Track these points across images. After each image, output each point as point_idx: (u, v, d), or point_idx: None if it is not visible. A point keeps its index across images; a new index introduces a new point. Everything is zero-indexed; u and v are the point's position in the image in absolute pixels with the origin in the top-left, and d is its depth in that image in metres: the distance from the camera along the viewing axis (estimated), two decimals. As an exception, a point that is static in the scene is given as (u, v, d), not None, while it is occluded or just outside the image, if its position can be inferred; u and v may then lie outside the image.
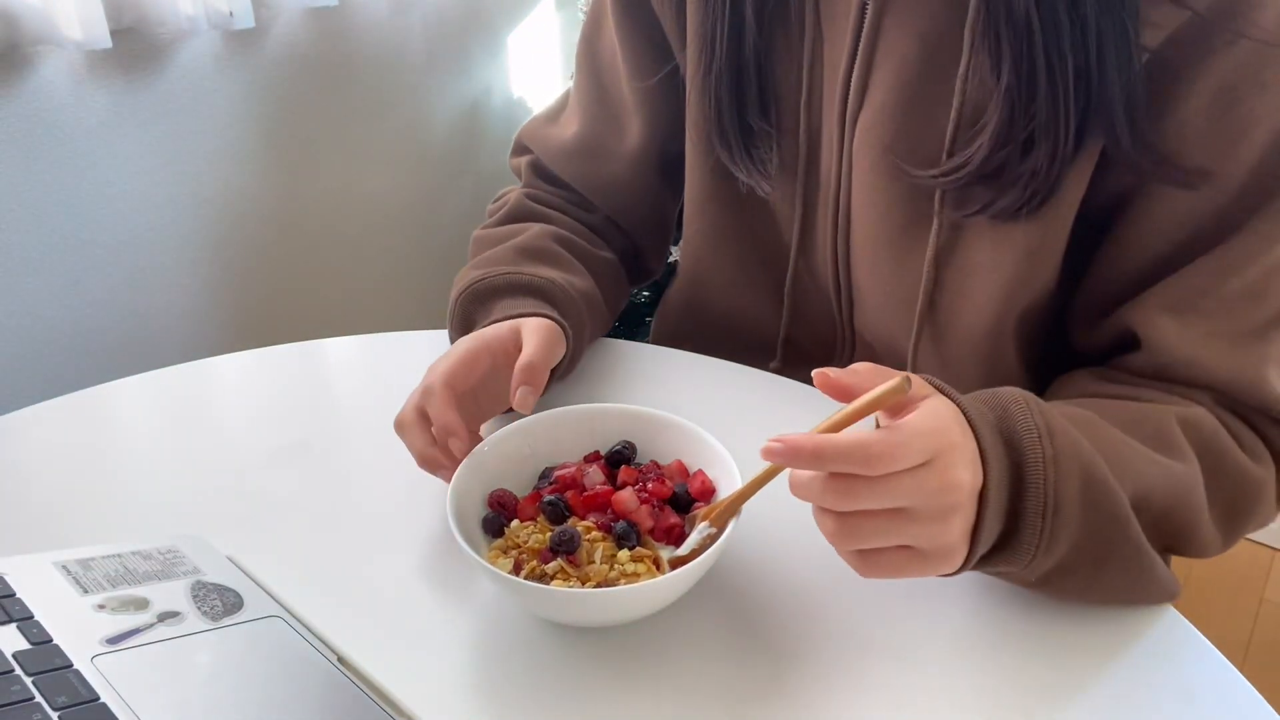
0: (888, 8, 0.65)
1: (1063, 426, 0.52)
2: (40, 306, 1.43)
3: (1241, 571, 1.74)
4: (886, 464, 0.46)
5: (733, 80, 0.72)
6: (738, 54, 0.71)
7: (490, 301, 0.74)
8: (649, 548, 0.57)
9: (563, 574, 0.55)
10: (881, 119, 0.67)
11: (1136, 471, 0.54)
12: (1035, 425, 0.51)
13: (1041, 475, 0.50)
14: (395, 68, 1.77)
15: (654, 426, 0.64)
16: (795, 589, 0.58)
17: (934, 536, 0.48)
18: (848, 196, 0.72)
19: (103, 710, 0.44)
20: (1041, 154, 0.59)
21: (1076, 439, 0.52)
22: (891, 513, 0.47)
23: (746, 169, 0.74)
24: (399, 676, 0.52)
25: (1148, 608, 0.57)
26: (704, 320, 0.86)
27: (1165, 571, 0.56)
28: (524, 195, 0.88)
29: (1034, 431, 0.51)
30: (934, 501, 0.47)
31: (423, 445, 0.62)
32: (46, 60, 1.34)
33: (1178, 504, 0.56)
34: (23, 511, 0.66)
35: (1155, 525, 0.55)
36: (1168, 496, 0.55)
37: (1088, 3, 0.55)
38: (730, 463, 0.59)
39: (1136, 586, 0.55)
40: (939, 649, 0.55)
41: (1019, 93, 0.59)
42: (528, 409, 0.63)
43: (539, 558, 0.56)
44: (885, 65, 0.66)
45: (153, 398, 0.80)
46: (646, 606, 0.54)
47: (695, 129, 0.77)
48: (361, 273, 1.85)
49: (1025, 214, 0.62)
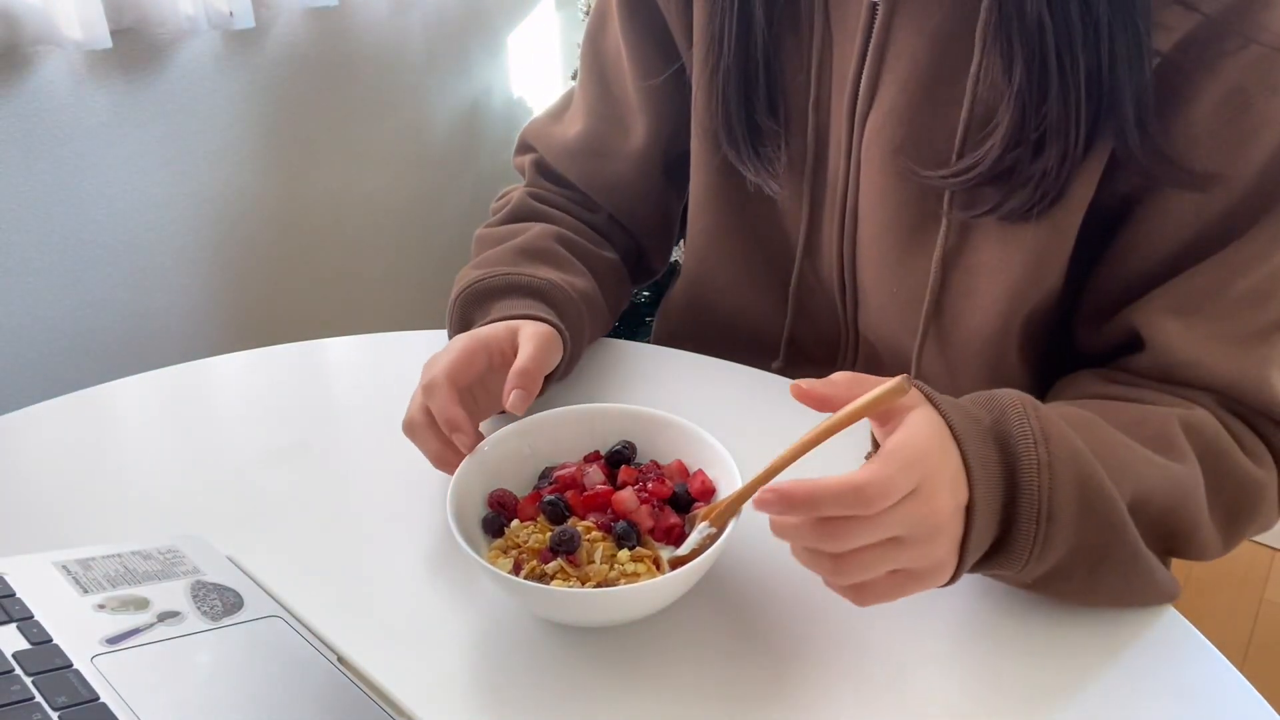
0: (899, 8, 0.65)
1: (1060, 431, 0.52)
2: (40, 306, 1.43)
3: (1241, 572, 1.74)
4: (881, 502, 0.46)
5: (740, 79, 0.72)
6: (746, 53, 0.71)
7: (488, 302, 0.74)
8: (649, 548, 0.57)
9: (562, 574, 0.55)
10: (891, 120, 0.67)
11: (1135, 474, 0.54)
12: (1031, 430, 0.51)
13: (1036, 481, 0.50)
14: (395, 68, 1.77)
15: (654, 426, 0.64)
16: (795, 589, 0.58)
17: (923, 557, 0.49)
18: (855, 196, 0.72)
19: (103, 710, 0.44)
20: (1052, 155, 0.59)
21: (1074, 443, 0.52)
22: (883, 543, 0.48)
23: (754, 168, 0.74)
24: (399, 676, 0.52)
25: (1147, 608, 0.57)
26: (707, 319, 0.86)
27: (1164, 573, 0.56)
28: (527, 194, 0.87)
29: (1029, 437, 0.51)
30: (921, 528, 0.48)
31: (437, 446, 0.62)
32: (46, 60, 1.34)
33: (1177, 505, 0.56)
34: (23, 511, 0.66)
35: (1154, 527, 0.55)
36: (1167, 498, 0.55)
37: (1100, 4, 0.55)
38: (730, 462, 0.59)
39: (1134, 589, 0.55)
40: (937, 649, 0.55)
41: (1030, 94, 0.59)
42: (519, 412, 0.63)
43: (539, 558, 0.56)
44: (896, 66, 0.66)
45: (153, 398, 0.80)
46: (646, 606, 0.54)
47: (701, 127, 0.77)
48: (361, 273, 1.85)
49: (1035, 215, 0.62)
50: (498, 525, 0.59)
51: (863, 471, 0.46)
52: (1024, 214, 0.62)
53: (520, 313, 0.70)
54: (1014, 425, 0.52)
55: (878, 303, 0.75)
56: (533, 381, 0.64)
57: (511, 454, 0.63)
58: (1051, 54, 0.57)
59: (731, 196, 0.78)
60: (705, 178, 0.79)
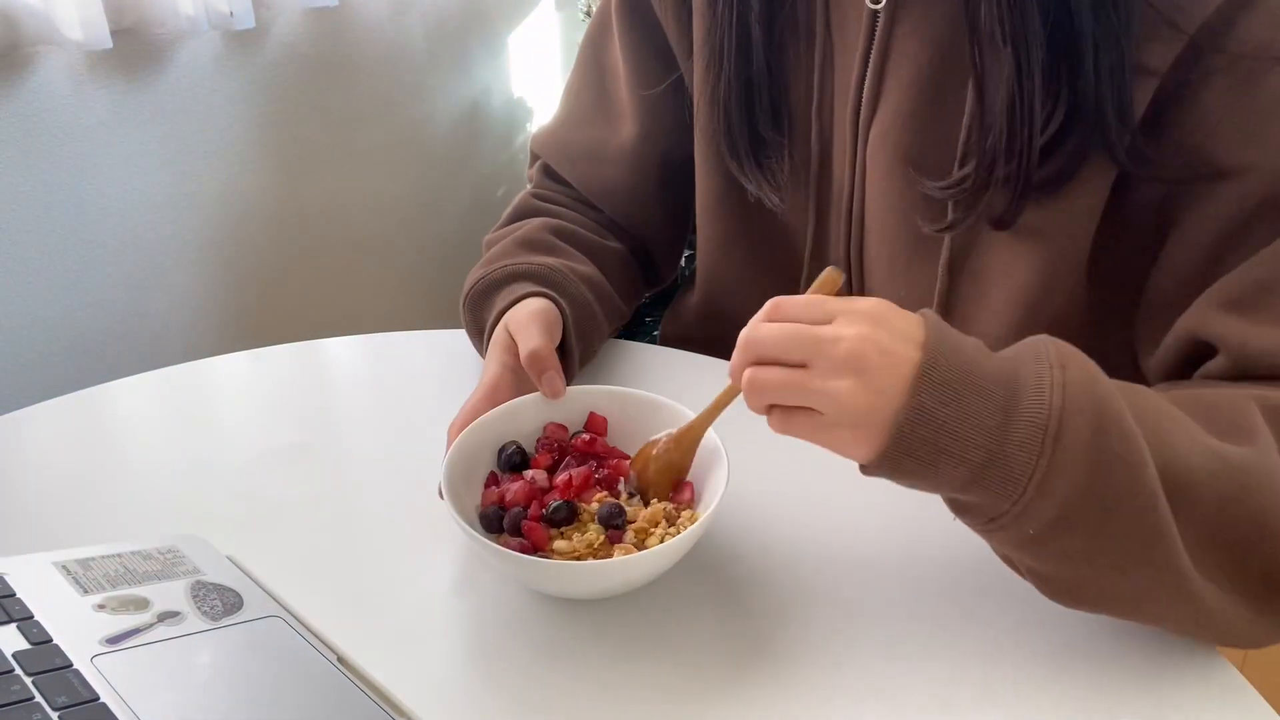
0: (900, 15, 0.65)
1: (1080, 360, 0.47)
2: (40, 306, 1.43)
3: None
4: (787, 311, 0.47)
5: (742, 90, 0.71)
6: (747, 64, 0.71)
7: (492, 296, 0.74)
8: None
9: (564, 538, 0.57)
10: (895, 127, 0.67)
11: (1171, 447, 0.47)
12: (1043, 351, 0.47)
13: (1047, 399, 0.45)
14: (395, 68, 1.77)
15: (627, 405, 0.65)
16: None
17: (832, 399, 0.46)
18: (861, 204, 0.72)
19: (103, 710, 0.44)
20: (1039, 166, 0.59)
21: (1096, 375, 0.47)
22: (793, 370, 0.47)
23: (756, 180, 0.74)
24: (399, 676, 0.52)
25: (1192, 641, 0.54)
26: (718, 324, 0.86)
27: (1217, 597, 0.48)
28: (530, 194, 0.89)
29: (1042, 358, 0.47)
30: (827, 355, 0.46)
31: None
32: (46, 60, 1.34)
33: (1237, 495, 0.48)
34: (23, 511, 0.66)
35: (1204, 521, 0.47)
36: (1222, 486, 0.47)
37: (1086, 20, 0.55)
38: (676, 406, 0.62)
39: (1159, 581, 0.47)
40: (934, 648, 0.55)
41: (1021, 108, 0.58)
42: (560, 393, 0.64)
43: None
44: (898, 73, 0.66)
45: (153, 398, 0.80)
46: (640, 577, 0.56)
47: (704, 137, 0.77)
48: (361, 273, 1.85)
49: (1031, 217, 0.62)
50: (497, 520, 0.59)
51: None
52: (1015, 218, 0.62)
53: (518, 295, 0.71)
54: (1024, 346, 0.48)
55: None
56: (546, 360, 0.65)
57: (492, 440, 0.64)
58: (1038, 68, 0.57)
59: (737, 205, 0.78)
60: (711, 186, 0.79)
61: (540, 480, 0.60)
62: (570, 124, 0.89)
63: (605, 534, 0.57)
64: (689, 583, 0.59)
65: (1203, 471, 0.47)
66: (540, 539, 0.57)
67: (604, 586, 0.56)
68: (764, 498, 0.64)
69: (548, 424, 0.64)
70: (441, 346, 0.83)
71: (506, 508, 0.59)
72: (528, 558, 0.54)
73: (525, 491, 0.59)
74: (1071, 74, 0.57)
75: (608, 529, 0.57)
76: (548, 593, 0.58)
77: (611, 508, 0.58)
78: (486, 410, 0.63)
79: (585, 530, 0.57)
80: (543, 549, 0.57)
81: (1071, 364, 0.47)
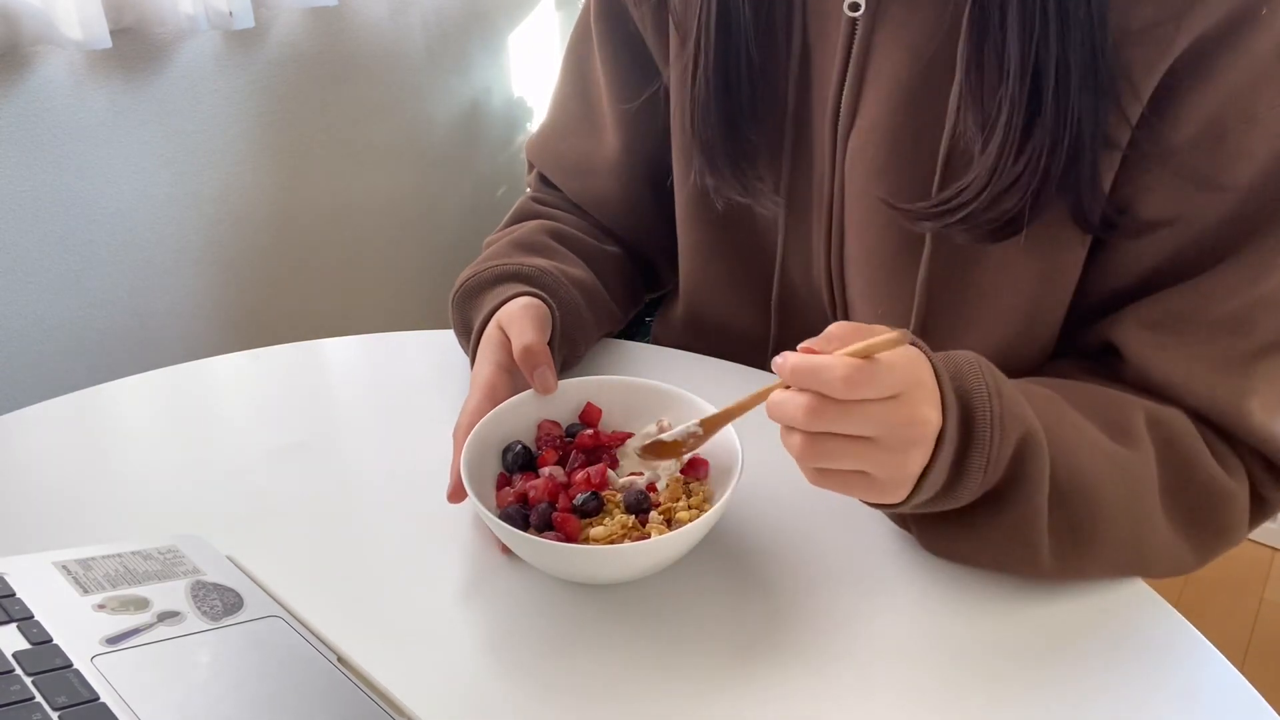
0: (879, 24, 0.64)
1: (1011, 392, 0.54)
2: (40, 306, 1.43)
3: (1241, 571, 1.74)
4: (855, 389, 0.48)
5: (720, 97, 0.70)
6: (725, 66, 0.69)
7: (480, 295, 0.74)
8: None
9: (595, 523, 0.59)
10: (873, 139, 0.66)
11: (1072, 454, 0.55)
12: (985, 384, 0.53)
13: (988, 435, 0.52)
14: (395, 68, 1.77)
15: (627, 393, 0.66)
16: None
17: (893, 467, 0.50)
18: (841, 214, 0.71)
19: (103, 710, 0.44)
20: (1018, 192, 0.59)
21: (1023, 407, 0.54)
22: (857, 440, 0.49)
23: (731, 187, 0.73)
24: (399, 676, 0.52)
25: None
26: (700, 331, 0.86)
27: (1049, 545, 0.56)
28: (529, 198, 0.89)
29: (984, 390, 0.53)
30: (899, 434, 0.49)
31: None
32: (46, 60, 1.34)
33: (1123, 493, 0.56)
34: (23, 511, 0.66)
35: (1089, 506, 0.55)
36: (1110, 483, 0.56)
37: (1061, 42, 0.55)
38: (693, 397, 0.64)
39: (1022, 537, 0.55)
40: (935, 648, 0.55)
41: (1009, 136, 0.57)
42: (552, 388, 0.65)
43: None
44: (877, 83, 0.65)
45: (153, 398, 0.80)
46: (653, 563, 0.56)
47: (679, 146, 0.76)
48: (361, 273, 1.85)
49: (1005, 239, 0.61)
50: (522, 519, 0.60)
51: (848, 359, 0.48)
52: (992, 238, 0.61)
53: (506, 296, 0.71)
54: (970, 379, 0.53)
55: (868, 320, 0.74)
56: (538, 355, 0.65)
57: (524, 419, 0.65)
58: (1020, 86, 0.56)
59: (711, 214, 0.77)
60: (687, 194, 0.79)
61: (560, 476, 0.62)
62: (559, 134, 0.89)
63: (635, 517, 0.59)
64: (697, 572, 0.59)
65: (1094, 470, 0.55)
66: (574, 529, 0.58)
67: (646, 564, 0.57)
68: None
69: (541, 421, 0.65)
70: (441, 347, 0.83)
71: (531, 504, 0.60)
72: (579, 547, 0.55)
73: (548, 487, 0.60)
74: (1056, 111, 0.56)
75: (636, 514, 0.59)
76: (590, 580, 0.59)
77: (637, 494, 0.59)
78: (489, 410, 0.63)
79: (614, 516, 0.59)
80: (574, 540, 0.58)
81: (1007, 396, 0.53)
